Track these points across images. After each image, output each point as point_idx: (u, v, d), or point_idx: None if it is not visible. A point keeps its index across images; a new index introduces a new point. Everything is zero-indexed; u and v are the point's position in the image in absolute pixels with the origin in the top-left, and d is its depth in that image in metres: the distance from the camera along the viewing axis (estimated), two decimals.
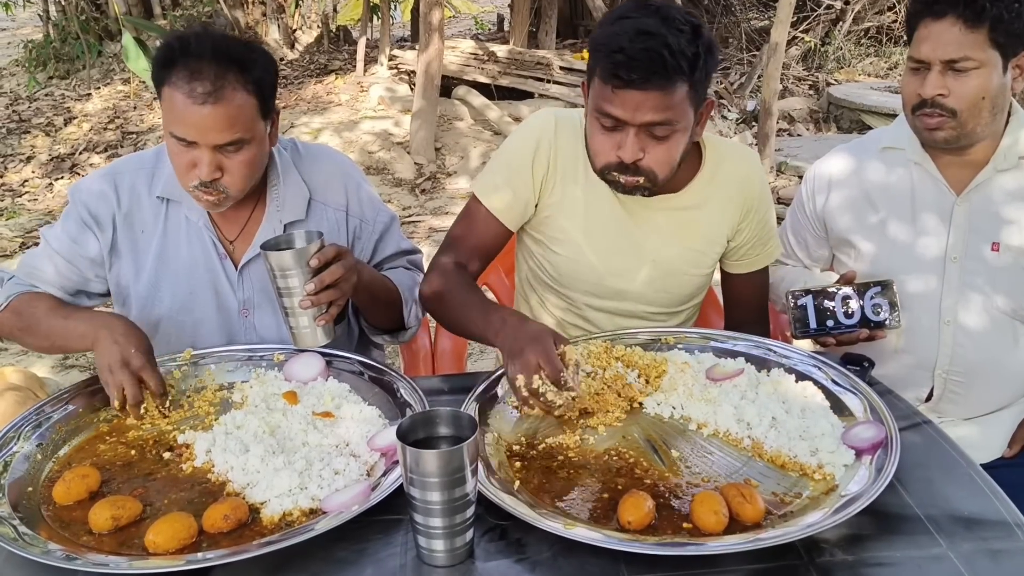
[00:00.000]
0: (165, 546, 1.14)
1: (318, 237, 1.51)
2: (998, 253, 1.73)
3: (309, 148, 1.85)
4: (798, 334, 1.72)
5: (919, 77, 1.67)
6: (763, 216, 1.83)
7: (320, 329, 1.53)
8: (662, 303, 1.84)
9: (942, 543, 1.15)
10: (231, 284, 1.75)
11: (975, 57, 1.60)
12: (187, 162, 1.56)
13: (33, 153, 6.97)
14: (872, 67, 9.23)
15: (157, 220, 1.73)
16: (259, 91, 1.57)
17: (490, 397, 1.50)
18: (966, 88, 1.62)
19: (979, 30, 1.59)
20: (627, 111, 1.52)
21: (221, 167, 1.57)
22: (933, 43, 1.63)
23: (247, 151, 1.58)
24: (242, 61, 1.55)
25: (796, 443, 1.35)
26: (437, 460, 1.08)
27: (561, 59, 7.62)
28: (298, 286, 1.48)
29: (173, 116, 1.53)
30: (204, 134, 1.52)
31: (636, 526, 1.16)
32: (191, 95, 1.50)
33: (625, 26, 1.50)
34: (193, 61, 1.51)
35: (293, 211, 1.75)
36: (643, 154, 1.56)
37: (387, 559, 1.15)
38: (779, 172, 6.27)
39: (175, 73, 1.52)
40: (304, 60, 9.09)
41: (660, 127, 1.54)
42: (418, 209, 5.88)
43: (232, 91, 1.52)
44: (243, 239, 1.75)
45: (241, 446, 1.35)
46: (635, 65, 1.47)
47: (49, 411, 1.47)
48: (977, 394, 1.81)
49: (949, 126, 1.66)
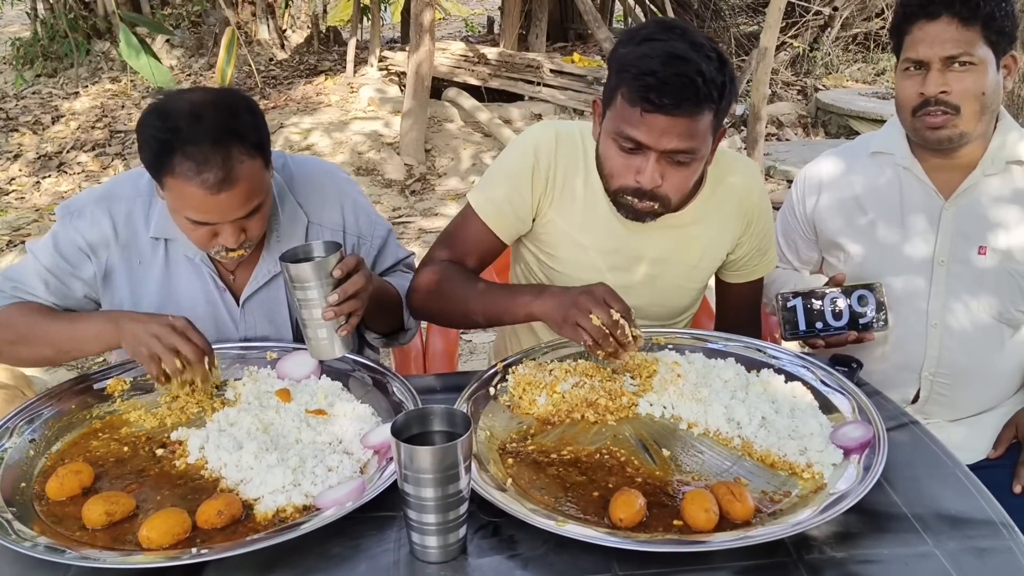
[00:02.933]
0: (159, 541, 1.14)
1: (337, 248, 1.47)
2: (985, 256, 1.75)
3: (300, 165, 1.80)
4: (787, 335, 1.74)
5: (917, 78, 1.68)
6: (763, 228, 1.82)
7: (339, 340, 1.48)
8: (658, 316, 1.84)
9: (929, 541, 1.17)
10: (232, 318, 1.73)
11: (973, 53, 1.63)
12: (206, 235, 1.53)
13: (20, 151, 6.93)
14: (860, 73, 9.30)
15: (155, 255, 1.68)
16: (260, 150, 1.53)
17: (483, 396, 1.51)
18: (966, 84, 1.65)
19: (973, 28, 1.62)
20: (652, 136, 1.48)
21: (243, 230, 1.54)
22: (931, 42, 1.65)
23: (264, 208, 1.56)
24: (239, 132, 1.48)
25: (785, 442, 1.36)
26: (431, 456, 1.08)
27: (551, 62, 7.63)
28: (317, 298, 1.44)
29: (185, 204, 1.48)
30: (224, 215, 1.49)
31: (627, 523, 1.17)
32: (203, 186, 1.43)
33: (655, 48, 1.46)
34: (193, 149, 1.43)
35: (291, 239, 1.70)
36: (662, 180, 1.53)
37: (381, 555, 1.16)
38: (767, 176, 6.31)
39: (177, 163, 1.44)
40: (294, 60, 9.08)
41: (683, 154, 1.50)
42: (408, 210, 5.88)
43: (240, 165, 1.46)
44: (243, 272, 1.72)
45: (234, 443, 1.35)
46: (667, 90, 1.43)
47: (41, 407, 1.47)
48: (963, 396, 1.83)
49: (952, 123, 1.68)
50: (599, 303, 1.41)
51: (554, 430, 1.43)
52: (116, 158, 6.80)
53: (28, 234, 5.38)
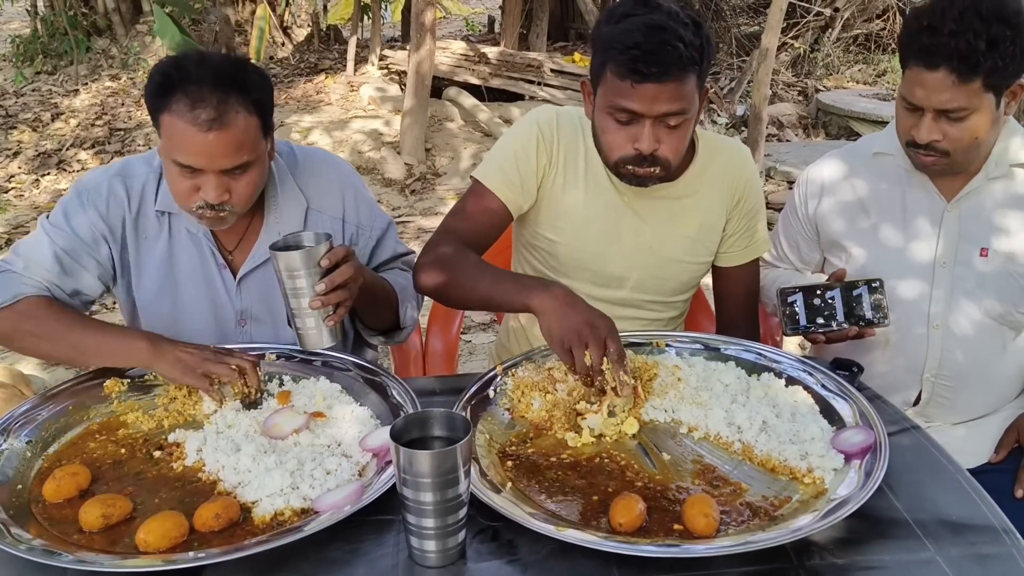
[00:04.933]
0: (156, 545, 1.14)
1: (327, 238, 1.49)
2: (987, 259, 1.74)
3: (306, 154, 1.83)
4: (788, 331, 1.73)
5: (913, 117, 1.65)
6: (752, 206, 1.87)
7: (327, 330, 1.50)
8: (658, 291, 1.88)
9: (930, 547, 1.16)
10: (229, 294, 1.74)
11: (969, 105, 1.58)
12: (189, 187, 1.54)
13: (20, 149, 6.92)
14: (860, 74, 9.29)
15: (160, 229, 1.71)
16: (260, 111, 1.55)
17: (482, 399, 1.50)
18: (960, 132, 1.62)
19: (973, 81, 1.56)
20: (644, 104, 1.56)
21: (228, 189, 1.55)
22: (926, 92, 1.60)
23: (252, 172, 1.57)
24: (242, 83, 1.52)
25: (786, 447, 1.36)
26: (431, 461, 1.08)
27: (552, 61, 7.62)
28: (306, 287, 1.46)
29: (174, 144, 1.50)
30: (211, 160, 1.50)
31: (627, 528, 1.17)
32: (195, 123, 1.47)
33: (635, 23, 1.54)
34: (193, 88, 1.47)
35: (291, 222, 1.73)
36: (659, 144, 1.61)
37: (379, 559, 1.15)
38: (768, 177, 6.30)
39: (175, 101, 1.48)
40: (294, 59, 9.08)
41: (675, 117, 1.58)
42: (407, 209, 5.88)
43: (235, 114, 1.49)
44: (242, 250, 1.74)
45: (232, 445, 1.35)
46: (653, 59, 1.51)
47: (39, 408, 1.47)
48: (965, 399, 1.83)
49: (943, 163, 1.67)
50: (599, 343, 1.41)
51: (552, 434, 1.42)
52: (116, 156, 6.79)
53: (27, 231, 5.37)
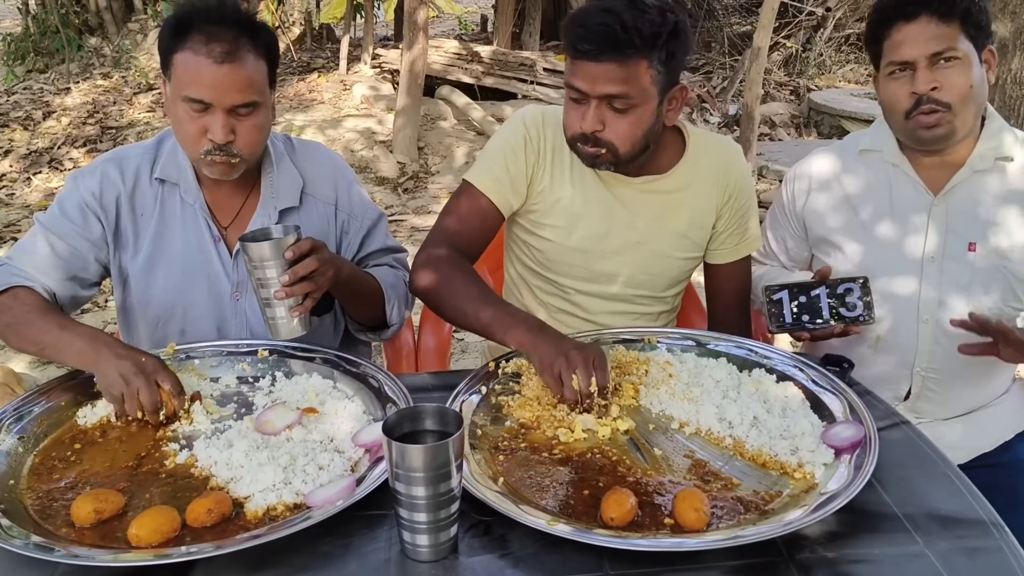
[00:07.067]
0: (148, 539, 1.13)
1: (295, 230, 1.52)
2: (975, 253, 1.75)
3: (303, 143, 1.89)
4: (774, 328, 1.74)
5: (905, 80, 1.70)
6: (743, 203, 1.88)
7: (296, 320, 1.53)
8: (648, 286, 1.89)
9: (919, 541, 1.17)
10: (224, 267, 1.76)
11: (956, 47, 1.66)
12: (198, 128, 1.58)
13: (11, 147, 6.89)
14: (852, 73, 9.33)
15: (156, 202, 1.74)
16: (268, 58, 1.64)
17: (475, 395, 1.50)
18: (955, 78, 1.67)
19: (952, 23, 1.65)
20: (586, 82, 1.60)
21: (234, 130, 1.60)
22: (913, 42, 1.67)
23: (259, 115, 1.63)
24: (254, 29, 1.61)
25: (777, 442, 1.36)
26: (423, 455, 1.08)
27: (545, 60, 7.63)
28: (274, 277, 1.49)
29: (188, 79, 1.56)
30: (222, 94, 1.56)
31: (619, 522, 1.17)
32: (210, 55, 1.54)
33: (593, 6, 1.60)
34: (210, 27, 1.56)
35: (287, 198, 1.77)
36: (602, 126, 1.64)
37: (371, 554, 1.15)
38: (760, 176, 6.31)
39: (191, 39, 1.56)
40: (286, 57, 9.06)
41: (618, 100, 1.61)
42: (400, 208, 5.88)
43: (247, 52, 1.58)
44: (237, 225, 1.76)
45: (225, 441, 1.35)
46: (590, 37, 1.57)
47: (30, 404, 1.47)
48: (954, 393, 1.84)
49: (946, 120, 1.69)
50: (587, 369, 1.42)
51: (543, 432, 1.43)
52: None
53: (19, 230, 5.35)
